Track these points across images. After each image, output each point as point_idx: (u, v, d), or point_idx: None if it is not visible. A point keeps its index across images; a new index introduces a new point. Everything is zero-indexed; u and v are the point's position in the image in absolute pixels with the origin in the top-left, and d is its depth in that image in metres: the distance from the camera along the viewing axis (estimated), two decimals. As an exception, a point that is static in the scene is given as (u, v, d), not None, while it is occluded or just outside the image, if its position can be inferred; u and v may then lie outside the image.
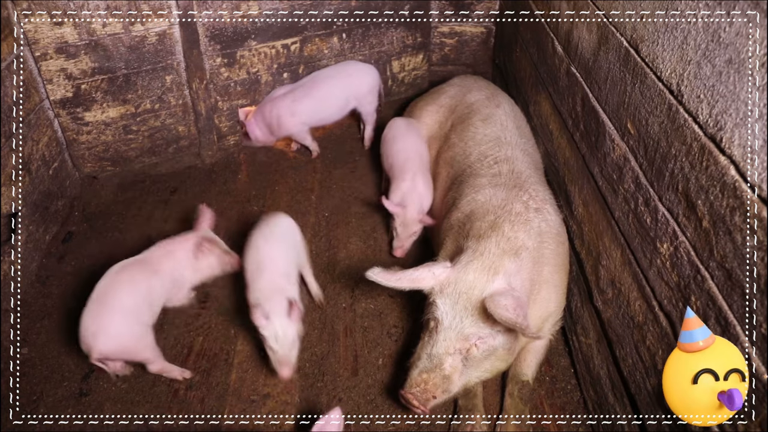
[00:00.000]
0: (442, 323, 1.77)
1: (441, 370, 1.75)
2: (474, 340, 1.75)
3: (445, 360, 1.75)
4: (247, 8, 2.89)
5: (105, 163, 2.99)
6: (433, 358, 1.76)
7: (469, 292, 1.73)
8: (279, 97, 3.13)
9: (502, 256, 1.79)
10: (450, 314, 1.76)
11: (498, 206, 2.00)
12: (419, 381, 1.75)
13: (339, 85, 3.15)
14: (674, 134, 1.44)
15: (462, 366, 1.77)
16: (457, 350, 1.76)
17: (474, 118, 2.61)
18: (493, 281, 1.74)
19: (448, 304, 1.76)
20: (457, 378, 1.77)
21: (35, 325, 2.30)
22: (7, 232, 2.33)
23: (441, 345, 1.76)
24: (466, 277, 1.75)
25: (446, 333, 1.76)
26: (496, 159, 2.29)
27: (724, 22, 1.22)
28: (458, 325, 1.75)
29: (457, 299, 1.75)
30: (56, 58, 2.59)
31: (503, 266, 1.77)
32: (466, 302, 1.73)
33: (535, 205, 2.04)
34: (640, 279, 1.65)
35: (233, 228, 2.80)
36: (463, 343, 1.75)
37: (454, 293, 1.75)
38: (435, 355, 1.76)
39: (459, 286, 1.75)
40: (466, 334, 1.74)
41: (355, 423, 1.99)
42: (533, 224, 1.95)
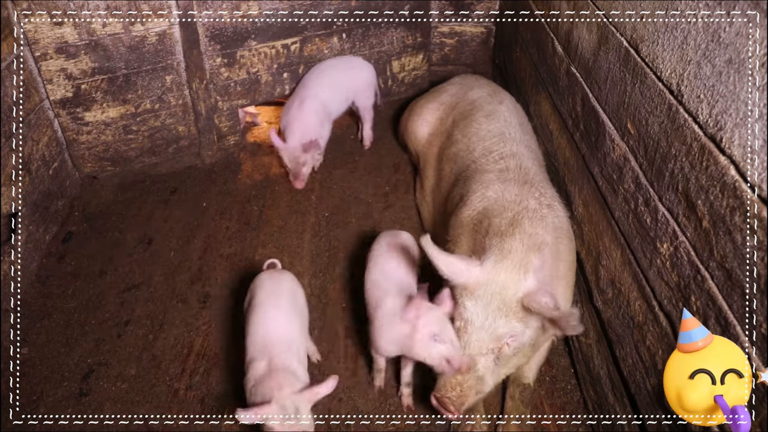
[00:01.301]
0: (473, 324, 1.74)
1: (475, 372, 1.72)
2: (506, 339, 1.73)
3: (478, 361, 1.72)
4: (247, 8, 2.89)
5: (105, 163, 2.99)
6: None
7: (503, 292, 1.71)
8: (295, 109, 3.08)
9: (528, 252, 1.77)
10: (482, 315, 1.73)
11: (513, 202, 1.99)
12: (454, 384, 1.71)
13: (340, 78, 3.18)
14: (674, 134, 1.44)
15: (493, 365, 1.75)
16: (490, 350, 1.73)
17: (477, 114, 2.61)
18: (526, 280, 1.72)
19: (480, 305, 1.73)
20: (489, 378, 1.75)
21: (35, 325, 2.31)
22: (7, 232, 2.33)
23: (474, 346, 1.73)
24: (497, 278, 1.73)
25: (478, 334, 1.73)
26: (501, 154, 2.28)
27: (724, 22, 1.22)
28: (491, 326, 1.72)
29: (490, 300, 1.72)
30: (56, 58, 2.59)
31: (531, 263, 1.75)
32: (500, 302, 1.71)
33: (547, 202, 2.03)
34: (640, 279, 1.65)
35: (233, 228, 2.81)
36: (496, 342, 1.73)
37: (486, 294, 1.73)
38: (469, 357, 1.73)
39: (491, 287, 1.73)
40: (499, 334, 1.72)
41: (355, 423, 1.99)
42: (548, 220, 1.94)
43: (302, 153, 2.91)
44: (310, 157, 2.95)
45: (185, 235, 2.75)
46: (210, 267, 2.59)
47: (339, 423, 1.99)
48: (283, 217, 2.87)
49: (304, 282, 2.39)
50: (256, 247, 2.69)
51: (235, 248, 2.68)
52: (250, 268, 2.56)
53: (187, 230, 2.79)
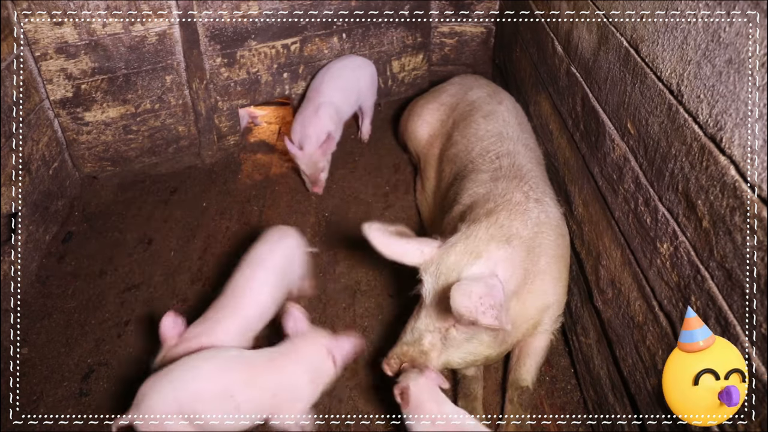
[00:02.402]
0: (425, 301, 1.79)
1: (420, 345, 1.78)
2: (453, 322, 1.74)
3: (424, 336, 1.78)
4: (247, 8, 2.89)
5: (105, 163, 2.99)
6: (414, 332, 1.80)
7: (448, 273, 1.73)
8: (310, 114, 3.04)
9: (489, 241, 1.77)
10: (431, 293, 1.77)
11: (498, 195, 2.00)
12: (399, 353, 1.79)
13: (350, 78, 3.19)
14: (674, 134, 1.44)
15: (441, 345, 1.78)
16: (437, 329, 1.77)
17: (476, 114, 2.61)
18: (473, 265, 1.71)
19: (430, 282, 1.77)
20: (436, 356, 1.78)
21: (35, 325, 2.31)
22: (7, 232, 2.33)
23: (422, 321, 1.79)
24: (448, 258, 1.75)
25: (427, 311, 1.78)
26: (497, 154, 2.29)
27: (724, 22, 1.22)
28: (437, 305, 1.75)
29: (437, 279, 1.75)
30: (56, 58, 2.59)
31: (488, 251, 1.74)
32: (445, 283, 1.72)
33: (535, 196, 2.03)
34: (640, 279, 1.65)
35: (233, 228, 2.81)
36: (442, 323, 1.76)
37: (436, 273, 1.76)
38: (416, 329, 1.80)
39: (441, 267, 1.75)
40: (444, 315, 1.74)
41: (355, 423, 1.99)
42: (532, 214, 1.94)
43: (321, 157, 2.90)
44: (327, 161, 2.95)
45: (185, 235, 2.75)
46: (210, 267, 2.59)
47: (339, 423, 1.99)
48: (283, 217, 2.87)
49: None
50: (256, 247, 2.69)
51: (235, 248, 2.68)
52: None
53: (187, 230, 2.79)
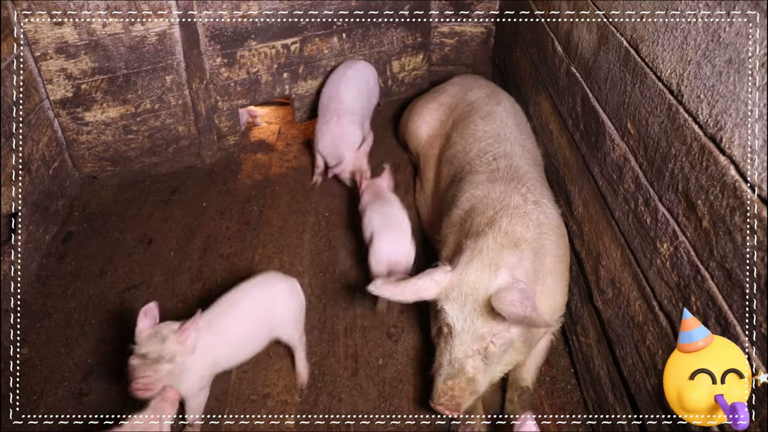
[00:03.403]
0: (455, 328, 1.75)
1: (464, 374, 1.74)
2: (490, 338, 1.73)
3: (466, 363, 1.74)
4: (247, 8, 2.89)
5: (105, 163, 2.99)
6: (455, 363, 1.75)
7: (475, 292, 1.72)
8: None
9: (500, 250, 1.77)
10: (461, 318, 1.74)
11: (496, 200, 2.00)
12: (445, 389, 1.74)
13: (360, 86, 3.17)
14: (674, 134, 1.44)
15: (483, 365, 1.76)
16: (475, 351, 1.74)
17: (474, 115, 2.61)
18: (497, 277, 1.72)
19: (456, 308, 1.74)
20: (482, 378, 1.76)
21: (35, 325, 2.30)
22: (7, 232, 2.33)
23: (459, 349, 1.75)
24: (468, 279, 1.73)
25: (461, 337, 1.74)
26: (494, 155, 2.29)
27: (724, 22, 1.22)
28: (471, 327, 1.73)
29: (464, 302, 1.73)
30: (56, 58, 2.59)
31: (504, 260, 1.75)
32: (474, 303, 1.72)
33: (533, 198, 2.03)
34: (640, 279, 1.65)
35: (233, 228, 2.81)
36: (480, 343, 1.74)
37: (460, 297, 1.73)
38: (455, 360, 1.75)
39: (463, 289, 1.73)
40: (480, 334, 1.72)
41: (355, 423, 1.99)
42: (532, 216, 1.94)
43: (363, 158, 2.89)
44: (365, 158, 2.93)
45: (185, 235, 2.75)
46: (210, 267, 2.59)
47: (339, 423, 1.99)
48: (283, 217, 2.87)
49: (304, 282, 2.39)
50: (256, 247, 2.69)
51: (235, 248, 2.68)
52: (250, 268, 2.56)
53: (187, 230, 2.79)
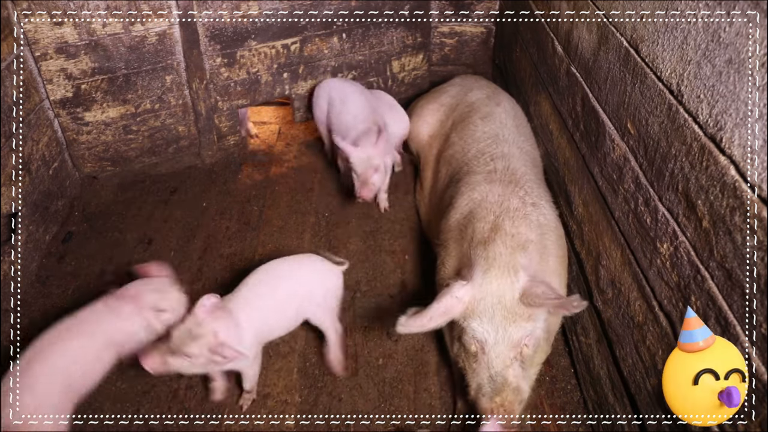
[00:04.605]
0: (488, 342, 1.71)
1: (509, 385, 1.69)
2: (524, 341, 1.71)
3: (507, 374, 1.70)
4: (247, 8, 2.89)
5: (105, 163, 2.99)
6: (497, 378, 1.70)
7: (502, 301, 1.69)
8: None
9: (513, 254, 1.77)
10: (492, 331, 1.70)
11: (495, 203, 1.99)
12: (495, 407, 1.69)
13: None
14: (674, 134, 1.44)
15: (522, 370, 1.73)
16: (513, 359, 1.71)
17: (474, 116, 2.61)
18: (518, 279, 1.70)
19: (485, 322, 1.70)
20: (524, 384, 1.73)
21: (35, 325, 2.30)
22: (7, 232, 2.33)
23: (497, 362, 1.70)
24: (490, 289, 1.70)
25: (496, 349, 1.70)
26: (492, 156, 2.29)
27: (724, 22, 1.22)
28: (505, 336, 1.69)
29: (493, 314, 1.69)
30: (56, 58, 2.59)
31: (518, 263, 1.74)
32: (503, 312, 1.68)
33: (531, 200, 2.04)
34: (640, 279, 1.65)
35: (233, 228, 2.80)
36: (516, 349, 1.70)
37: (488, 309, 1.70)
38: (497, 375, 1.70)
39: (488, 300, 1.70)
40: (516, 340, 1.69)
41: (355, 423, 1.99)
42: (532, 218, 1.95)
43: (379, 154, 2.63)
44: (385, 163, 2.67)
45: (185, 235, 2.75)
46: (210, 267, 2.58)
47: (339, 423, 1.99)
48: (283, 217, 2.87)
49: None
50: (256, 247, 2.69)
51: (235, 248, 2.68)
52: (250, 268, 2.55)
53: (187, 230, 2.79)
